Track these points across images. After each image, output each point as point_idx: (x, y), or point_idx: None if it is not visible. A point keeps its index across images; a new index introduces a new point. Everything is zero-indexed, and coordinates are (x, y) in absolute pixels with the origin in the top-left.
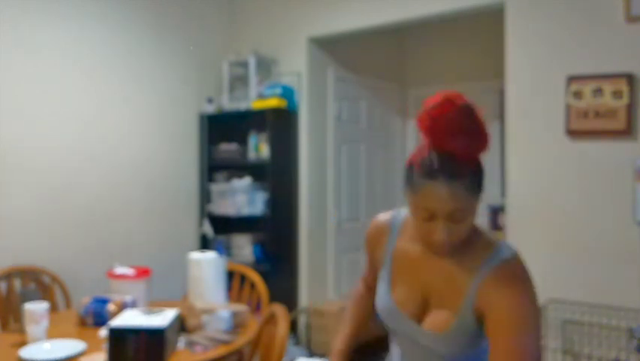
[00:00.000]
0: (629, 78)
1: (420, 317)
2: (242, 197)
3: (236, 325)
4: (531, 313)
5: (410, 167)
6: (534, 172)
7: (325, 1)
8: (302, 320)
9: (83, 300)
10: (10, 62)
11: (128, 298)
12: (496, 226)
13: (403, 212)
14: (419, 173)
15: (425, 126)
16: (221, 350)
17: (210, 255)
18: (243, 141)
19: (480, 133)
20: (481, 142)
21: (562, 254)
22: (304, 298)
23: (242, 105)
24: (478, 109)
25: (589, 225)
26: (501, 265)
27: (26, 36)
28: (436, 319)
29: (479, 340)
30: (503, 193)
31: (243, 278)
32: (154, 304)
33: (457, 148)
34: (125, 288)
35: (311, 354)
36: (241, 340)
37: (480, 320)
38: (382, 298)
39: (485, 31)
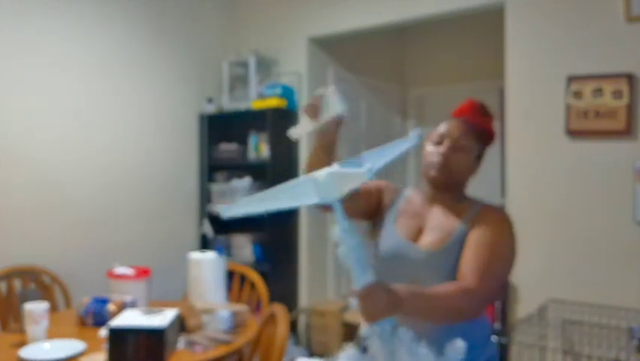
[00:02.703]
0: (629, 78)
1: (415, 240)
2: (242, 197)
3: (237, 325)
4: (508, 246)
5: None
6: (534, 172)
7: (325, 1)
8: (302, 320)
9: (83, 300)
10: (10, 61)
11: (128, 298)
12: None
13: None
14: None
15: (459, 109)
16: (221, 350)
17: (210, 255)
18: (243, 141)
19: (485, 117)
20: (484, 120)
21: (562, 254)
22: (304, 298)
23: (242, 105)
24: (489, 110)
25: (589, 225)
26: (493, 205)
27: (26, 35)
28: (432, 240)
29: (455, 271)
30: (503, 193)
31: (243, 278)
32: (154, 304)
33: (471, 115)
34: (125, 288)
35: (311, 354)
36: (241, 340)
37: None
38: (389, 235)
39: (485, 31)
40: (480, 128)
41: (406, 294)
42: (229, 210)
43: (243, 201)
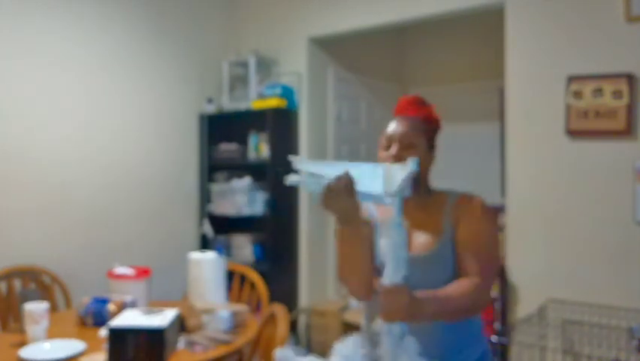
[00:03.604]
0: (629, 78)
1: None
2: (242, 197)
3: (237, 325)
4: (496, 231)
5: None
6: (534, 172)
7: (325, 1)
8: (302, 320)
9: (83, 300)
10: (10, 61)
11: (128, 298)
12: None
13: None
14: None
15: (396, 108)
16: (221, 350)
17: (210, 255)
18: (243, 141)
19: (423, 107)
20: (424, 111)
21: (562, 254)
22: (304, 298)
23: (242, 105)
24: (427, 101)
25: (589, 225)
26: (465, 193)
27: (26, 35)
28: (422, 242)
29: (453, 266)
30: (503, 193)
31: (243, 278)
32: (154, 304)
33: (409, 110)
34: (125, 288)
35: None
36: (241, 340)
37: (454, 240)
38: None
39: (485, 31)
40: (422, 120)
41: (424, 301)
42: (300, 162)
43: (314, 161)
